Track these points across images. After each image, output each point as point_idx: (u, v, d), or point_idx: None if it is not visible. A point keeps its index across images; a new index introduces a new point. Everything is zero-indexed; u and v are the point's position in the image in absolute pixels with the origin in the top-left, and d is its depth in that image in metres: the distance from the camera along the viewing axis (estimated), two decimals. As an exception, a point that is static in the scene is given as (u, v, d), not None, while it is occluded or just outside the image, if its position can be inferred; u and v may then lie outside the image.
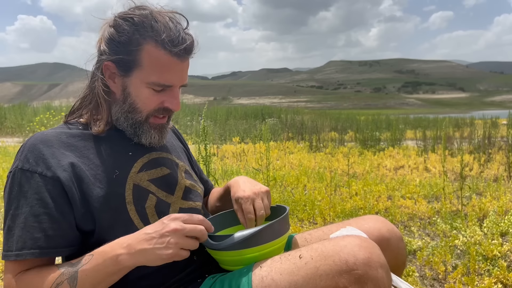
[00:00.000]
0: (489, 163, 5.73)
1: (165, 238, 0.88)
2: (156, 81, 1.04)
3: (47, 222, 0.94)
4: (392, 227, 1.22)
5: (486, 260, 2.23)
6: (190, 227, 0.90)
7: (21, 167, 0.97)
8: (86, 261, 0.90)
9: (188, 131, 11.07)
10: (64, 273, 0.89)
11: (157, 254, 0.88)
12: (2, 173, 4.69)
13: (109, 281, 0.91)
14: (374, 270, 0.84)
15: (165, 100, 1.08)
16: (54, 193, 0.96)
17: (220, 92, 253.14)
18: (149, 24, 1.01)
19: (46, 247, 0.93)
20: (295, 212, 3.24)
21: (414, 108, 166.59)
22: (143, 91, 1.06)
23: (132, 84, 1.06)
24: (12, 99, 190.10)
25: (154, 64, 1.03)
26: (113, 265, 0.89)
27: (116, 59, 1.04)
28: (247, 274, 0.94)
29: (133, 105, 1.07)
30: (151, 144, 1.13)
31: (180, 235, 0.89)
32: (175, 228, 0.89)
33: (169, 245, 0.88)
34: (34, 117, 11.35)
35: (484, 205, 3.24)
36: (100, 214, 0.98)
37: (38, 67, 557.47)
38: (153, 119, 1.10)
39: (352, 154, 6.91)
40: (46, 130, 1.07)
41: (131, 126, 1.10)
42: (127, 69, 1.05)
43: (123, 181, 1.04)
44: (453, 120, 14.72)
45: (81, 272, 0.89)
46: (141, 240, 0.89)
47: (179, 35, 1.03)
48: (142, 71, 1.04)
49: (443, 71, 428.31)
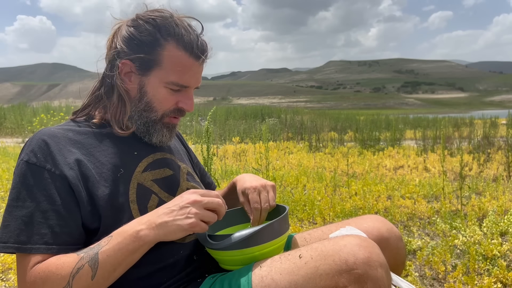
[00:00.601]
0: (489, 163, 5.74)
1: (185, 209, 0.91)
2: (175, 81, 1.07)
3: (54, 219, 0.93)
4: (391, 227, 1.23)
5: (486, 259, 2.23)
6: (208, 199, 0.94)
7: (27, 160, 0.96)
8: (106, 242, 0.90)
9: (188, 131, 11.07)
10: (83, 257, 0.88)
11: (178, 225, 0.90)
12: (2, 173, 4.69)
13: (129, 260, 0.91)
14: (374, 270, 0.84)
15: (180, 101, 1.11)
16: (62, 191, 0.95)
17: (219, 92, 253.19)
18: (171, 26, 1.05)
19: (52, 243, 0.92)
20: (294, 212, 3.24)
21: (414, 108, 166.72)
22: (161, 90, 1.08)
23: (150, 83, 1.08)
24: (11, 99, 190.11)
25: (175, 64, 1.06)
26: (134, 242, 0.90)
27: (136, 58, 1.06)
28: (247, 273, 0.94)
29: (150, 104, 1.09)
30: (161, 143, 1.15)
31: (200, 206, 0.92)
32: (195, 199, 0.93)
33: (190, 215, 0.91)
34: (33, 118, 11.36)
35: (483, 204, 3.24)
36: (105, 213, 0.98)
37: (37, 67, 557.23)
38: (167, 119, 1.13)
39: (351, 154, 6.91)
40: (53, 126, 1.08)
41: (144, 124, 1.11)
42: (146, 68, 1.07)
43: (127, 180, 1.04)
44: (453, 120, 14.74)
45: (102, 254, 0.88)
46: (161, 214, 0.92)
47: (198, 38, 1.08)
48: (162, 71, 1.06)
49: (443, 71, 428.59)
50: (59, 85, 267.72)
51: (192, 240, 1.12)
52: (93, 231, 0.99)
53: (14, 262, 2.24)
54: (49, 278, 0.88)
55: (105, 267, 0.88)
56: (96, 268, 0.88)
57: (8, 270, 2.22)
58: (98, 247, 0.90)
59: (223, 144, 8.95)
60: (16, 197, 0.94)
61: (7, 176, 4.57)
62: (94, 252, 0.89)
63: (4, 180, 4.36)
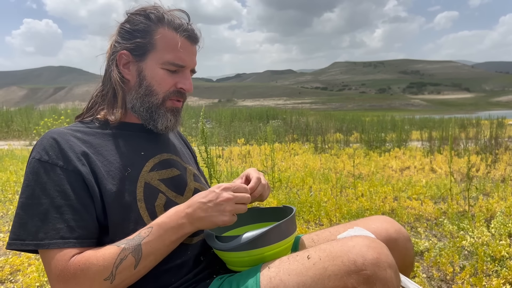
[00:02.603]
0: (496, 164, 5.70)
1: (220, 206, 0.97)
2: (171, 60, 1.10)
3: (69, 214, 0.94)
4: (399, 228, 1.22)
5: (494, 260, 2.21)
6: (240, 195, 1.00)
7: (39, 158, 0.98)
8: (147, 233, 0.95)
9: (193, 133, 11.09)
10: (126, 248, 0.91)
11: (212, 221, 0.97)
12: (9, 175, 4.72)
13: (169, 250, 0.99)
14: (383, 271, 0.83)
15: (178, 81, 1.13)
16: (76, 186, 0.97)
17: (224, 94, 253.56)
18: (160, 14, 1.11)
19: (69, 237, 0.93)
20: (301, 213, 3.23)
21: (419, 108, 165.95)
22: (158, 72, 1.11)
23: (147, 67, 1.11)
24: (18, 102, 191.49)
25: (169, 44, 1.10)
26: (176, 234, 0.97)
27: (131, 45, 1.11)
28: (255, 274, 0.94)
29: (149, 87, 1.12)
30: (167, 129, 1.16)
31: (232, 203, 0.99)
32: (228, 197, 0.98)
33: (225, 212, 0.97)
34: (40, 120, 11.43)
35: (491, 205, 3.22)
36: (112, 210, 0.99)
37: (43, 70, 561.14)
38: (169, 102, 1.15)
39: (357, 155, 6.89)
40: (61, 127, 1.09)
41: (147, 110, 1.13)
42: (142, 53, 1.11)
43: (134, 178, 1.06)
44: (459, 120, 14.65)
45: (145, 245, 0.93)
46: (197, 209, 0.97)
47: (188, 24, 1.14)
48: (157, 53, 1.10)
49: (448, 71, 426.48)
50: (65, 88, 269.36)
51: (199, 240, 1.12)
52: (105, 227, 1.00)
53: (23, 264, 2.26)
54: (90, 269, 0.89)
55: (148, 257, 0.94)
56: (139, 258, 0.92)
57: (16, 272, 2.23)
58: (139, 238, 0.94)
59: (229, 145, 8.96)
60: (30, 195, 0.95)
61: (14, 178, 4.60)
62: (136, 243, 0.93)
63: (12, 182, 4.39)
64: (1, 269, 2.22)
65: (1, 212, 3.46)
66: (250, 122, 14.20)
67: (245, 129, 11.43)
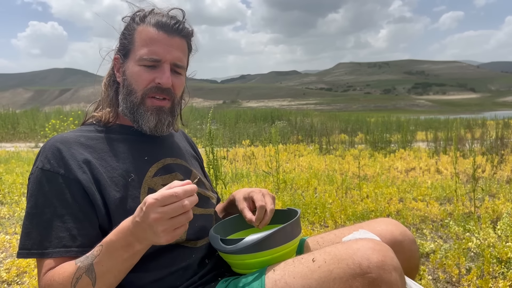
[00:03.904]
0: (502, 164, 5.66)
1: (152, 228, 0.82)
2: (145, 55, 1.08)
3: (71, 222, 0.96)
4: (404, 230, 1.22)
5: (501, 262, 2.20)
6: (169, 210, 0.81)
7: (42, 167, 0.99)
8: (98, 252, 0.89)
9: (198, 134, 11.11)
10: (80, 267, 0.90)
11: (154, 241, 0.85)
12: (16, 177, 4.75)
13: (128, 265, 0.91)
14: (388, 273, 0.83)
15: (156, 77, 1.10)
16: (77, 194, 0.98)
17: (229, 95, 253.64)
18: (143, 14, 1.12)
19: (71, 246, 0.95)
20: (306, 215, 3.23)
21: (425, 109, 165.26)
22: (135, 69, 1.10)
23: (128, 67, 1.12)
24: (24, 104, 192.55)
25: (143, 40, 1.10)
26: (127, 251, 0.88)
27: (119, 48, 1.14)
28: (260, 277, 0.94)
29: (129, 86, 1.11)
30: (152, 131, 1.12)
31: (164, 221, 0.81)
32: (155, 218, 0.81)
33: (159, 234, 0.82)
34: (46, 122, 11.49)
35: (497, 207, 3.20)
36: (116, 216, 1.00)
37: (49, 72, 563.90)
38: (149, 100, 1.11)
39: (362, 156, 6.87)
40: (65, 132, 1.10)
41: (130, 111, 1.13)
42: (125, 54, 1.12)
43: (138, 184, 1.06)
44: (465, 121, 14.58)
45: (96, 264, 0.88)
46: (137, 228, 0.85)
47: (170, 18, 1.12)
48: (134, 51, 1.10)
49: (454, 71, 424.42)
50: (71, 90, 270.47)
51: (204, 244, 1.12)
52: (107, 233, 1.01)
53: (29, 266, 2.27)
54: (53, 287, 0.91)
55: (104, 276, 0.89)
56: (94, 277, 0.88)
57: (23, 274, 2.24)
58: (92, 257, 0.89)
59: (233, 147, 8.97)
60: (34, 204, 0.97)
61: (20, 180, 4.63)
62: (89, 262, 0.89)
63: (18, 184, 4.42)
64: (8, 271, 2.24)
65: (8, 214, 3.48)
66: (254, 123, 14.20)
67: (249, 131, 11.43)
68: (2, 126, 13.57)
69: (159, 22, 1.10)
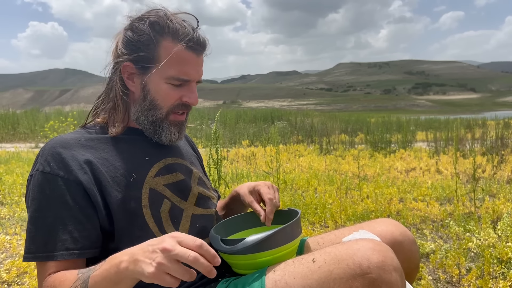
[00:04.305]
0: (502, 165, 5.67)
1: (154, 254, 0.78)
2: (175, 75, 1.07)
3: (72, 224, 0.96)
4: (404, 230, 1.22)
5: (501, 263, 2.20)
6: (180, 250, 0.77)
7: (42, 170, 0.99)
8: (99, 266, 0.87)
9: (198, 134, 11.11)
10: (79, 278, 0.90)
11: (142, 268, 0.78)
12: (16, 178, 4.75)
13: None
14: (388, 274, 0.83)
15: (183, 95, 1.11)
16: (77, 196, 0.98)
17: (229, 95, 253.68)
18: (165, 23, 1.06)
19: (73, 248, 0.95)
20: (306, 215, 3.23)
21: (425, 109, 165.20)
22: (162, 86, 1.08)
23: (151, 81, 1.09)
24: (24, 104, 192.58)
25: (172, 58, 1.06)
26: (116, 273, 0.83)
27: (135, 58, 1.08)
28: (260, 277, 0.94)
29: (154, 102, 1.10)
30: (171, 142, 1.15)
31: (168, 256, 0.77)
32: (165, 247, 0.77)
33: (153, 263, 0.77)
34: (46, 123, 11.49)
35: (497, 207, 3.20)
36: (118, 217, 1.00)
37: (49, 73, 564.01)
38: (173, 116, 1.13)
39: (362, 156, 6.87)
40: (65, 134, 1.10)
41: (151, 124, 1.12)
42: (146, 67, 1.08)
43: (140, 184, 1.06)
44: (465, 121, 14.58)
45: (92, 278, 0.86)
46: (140, 250, 0.81)
47: (193, 32, 1.09)
48: (161, 67, 1.06)
49: (454, 71, 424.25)
50: (71, 90, 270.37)
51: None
52: (110, 234, 1.01)
53: (29, 266, 2.27)
54: None
55: None
56: None
57: (23, 274, 2.24)
58: (92, 270, 0.88)
59: (233, 147, 8.97)
60: (37, 208, 0.97)
61: (21, 180, 4.63)
62: (88, 274, 0.88)
63: (18, 184, 4.42)
64: (8, 271, 2.24)
65: (8, 214, 3.48)
66: (255, 123, 14.20)
67: (249, 131, 11.43)
68: (2, 126, 13.57)
69: (186, 38, 1.06)
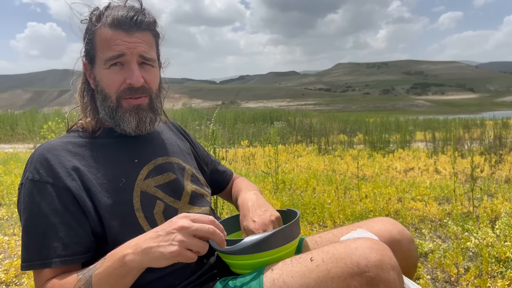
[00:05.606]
0: (500, 164, 5.67)
1: (171, 235, 0.82)
2: (107, 56, 1.05)
3: (63, 231, 0.96)
4: (402, 229, 1.22)
5: (499, 262, 2.20)
6: (198, 225, 0.83)
7: (32, 178, 0.99)
8: (99, 264, 0.89)
9: (197, 135, 11.11)
10: (81, 279, 0.90)
11: (160, 252, 0.82)
12: (14, 179, 4.74)
13: (122, 283, 0.88)
14: (386, 272, 0.83)
15: (126, 77, 1.07)
16: (67, 202, 0.98)
17: (228, 96, 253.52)
18: (98, 14, 1.08)
19: (65, 255, 0.95)
20: (304, 215, 3.23)
21: (424, 109, 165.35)
22: (104, 73, 1.08)
23: (97, 72, 1.10)
24: (23, 105, 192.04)
25: (103, 42, 1.06)
26: (121, 267, 0.85)
27: (85, 54, 1.11)
28: (258, 277, 0.94)
29: (103, 92, 1.10)
30: (135, 132, 1.11)
31: (187, 233, 0.82)
32: (182, 225, 0.83)
33: (174, 242, 0.81)
34: (44, 124, 11.48)
35: (496, 206, 3.20)
36: (110, 222, 1.00)
37: (48, 73, 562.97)
38: (125, 102, 1.09)
39: (361, 156, 6.87)
40: (52, 139, 1.09)
41: (109, 116, 1.11)
42: (91, 59, 1.10)
43: (130, 188, 1.05)
44: (463, 121, 14.60)
45: (95, 277, 0.88)
46: (148, 239, 0.85)
47: (126, 13, 1.06)
48: (99, 55, 1.07)
49: (453, 72, 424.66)
50: (70, 91, 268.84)
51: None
52: (102, 239, 1.01)
53: (28, 267, 2.27)
54: None
55: None
56: None
57: (21, 275, 2.24)
58: (93, 269, 0.89)
59: (232, 147, 8.96)
60: (29, 216, 0.97)
61: (19, 181, 4.62)
62: (89, 274, 0.89)
63: (16, 185, 4.41)
64: (6, 272, 2.24)
65: (6, 215, 3.48)
66: (253, 124, 14.20)
67: (248, 131, 11.43)
68: (1, 127, 13.56)
69: (115, 20, 1.04)
